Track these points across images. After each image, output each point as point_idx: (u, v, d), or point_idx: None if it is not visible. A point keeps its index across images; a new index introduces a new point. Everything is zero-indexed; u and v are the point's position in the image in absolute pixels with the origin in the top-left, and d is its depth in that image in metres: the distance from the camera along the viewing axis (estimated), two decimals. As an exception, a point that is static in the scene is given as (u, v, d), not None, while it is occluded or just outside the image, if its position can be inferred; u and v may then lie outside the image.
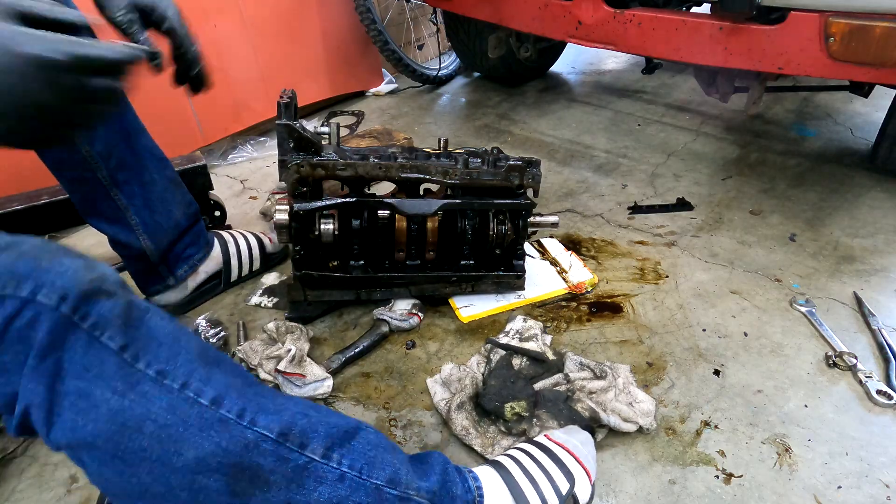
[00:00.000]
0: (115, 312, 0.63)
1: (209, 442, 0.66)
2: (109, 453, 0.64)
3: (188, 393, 0.66)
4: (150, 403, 0.64)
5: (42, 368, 0.61)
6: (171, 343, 0.67)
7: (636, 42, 1.70)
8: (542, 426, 1.05)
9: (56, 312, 0.60)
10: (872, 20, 1.33)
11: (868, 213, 1.79)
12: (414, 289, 1.38)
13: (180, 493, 0.66)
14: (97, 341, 0.62)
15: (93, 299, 0.62)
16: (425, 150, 1.35)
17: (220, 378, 0.69)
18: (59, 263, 0.61)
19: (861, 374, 1.22)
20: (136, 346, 0.64)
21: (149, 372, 0.64)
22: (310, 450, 0.71)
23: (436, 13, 2.70)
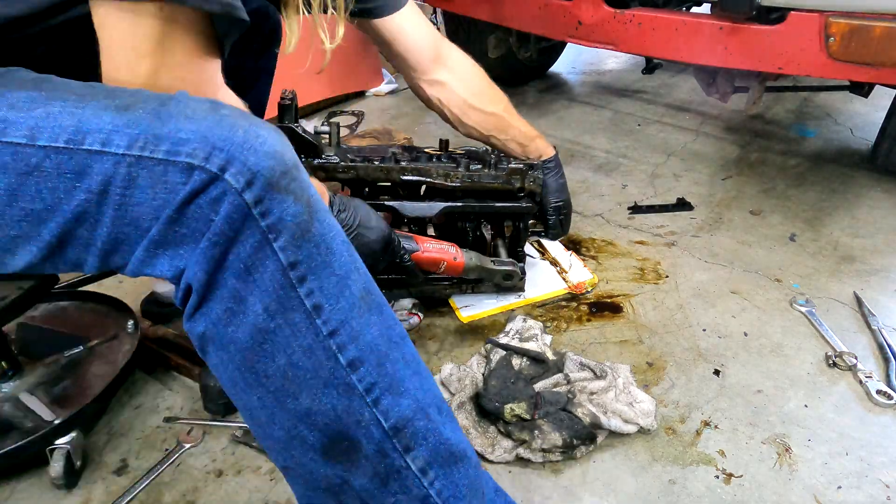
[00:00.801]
0: (297, 219, 0.59)
1: (328, 400, 0.63)
2: (235, 363, 0.62)
3: (332, 343, 0.62)
4: (294, 337, 0.61)
5: (210, 254, 0.58)
6: (342, 277, 0.62)
7: (636, 42, 1.70)
8: (543, 438, 1.04)
9: (240, 198, 0.56)
10: (872, 20, 1.33)
11: (868, 213, 1.79)
12: (414, 289, 1.38)
13: (278, 431, 0.65)
14: (269, 245, 0.58)
15: (279, 196, 0.57)
16: (426, 151, 1.34)
17: (370, 336, 0.65)
18: (256, 136, 0.57)
19: (861, 374, 1.22)
20: (306, 267, 0.60)
21: (307, 302, 0.60)
22: (411, 457, 0.68)
23: (436, 13, 2.69)
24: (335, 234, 0.63)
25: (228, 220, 0.56)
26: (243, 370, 0.62)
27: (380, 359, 0.65)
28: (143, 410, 1.15)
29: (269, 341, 0.60)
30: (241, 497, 1.00)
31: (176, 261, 0.59)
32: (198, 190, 0.56)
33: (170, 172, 0.56)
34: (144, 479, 1.01)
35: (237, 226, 0.57)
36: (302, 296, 0.60)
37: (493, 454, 1.05)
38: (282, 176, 0.58)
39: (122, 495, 0.99)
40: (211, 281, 0.59)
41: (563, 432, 1.05)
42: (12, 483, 1.02)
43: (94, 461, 1.06)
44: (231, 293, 0.59)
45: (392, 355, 0.67)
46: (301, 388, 0.62)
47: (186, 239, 0.58)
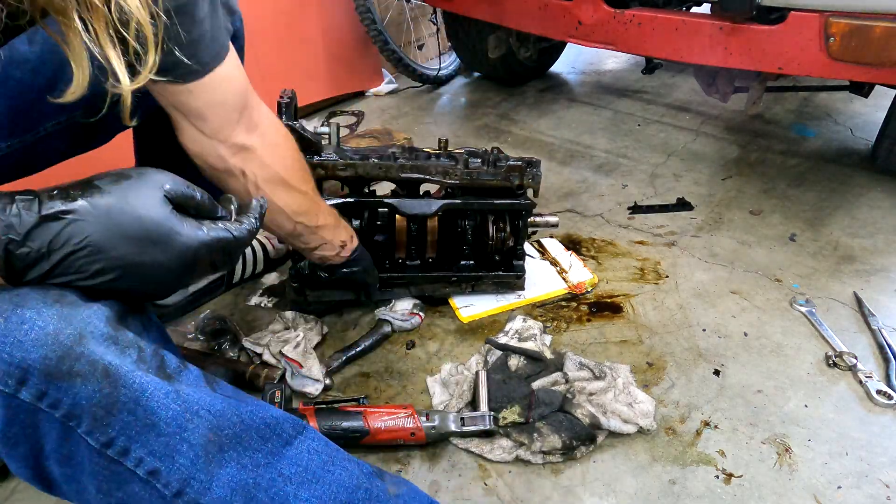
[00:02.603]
0: (93, 399, 0.53)
1: None
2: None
3: (181, 503, 0.57)
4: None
5: (17, 454, 0.55)
6: (172, 433, 0.57)
7: (636, 42, 1.70)
8: (543, 440, 1.04)
9: (14, 399, 0.51)
10: (872, 20, 1.33)
11: (868, 213, 1.79)
12: (414, 289, 1.38)
13: None
14: (73, 432, 0.54)
15: (63, 383, 0.52)
16: (425, 150, 1.35)
17: (225, 479, 0.59)
18: (21, 323, 0.51)
19: (861, 374, 1.22)
20: (126, 438, 0.55)
21: (138, 472, 0.56)
22: None
23: (436, 13, 2.69)
24: (151, 390, 0.56)
25: (17, 423, 0.53)
26: None
27: (247, 493, 0.60)
28: (143, 410, 1.15)
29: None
30: (241, 497, 1.00)
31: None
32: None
33: None
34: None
35: (29, 423, 0.53)
36: (131, 468, 0.56)
37: (491, 454, 1.05)
38: (60, 361, 0.52)
39: (122, 495, 0.99)
40: (41, 475, 0.57)
41: (563, 434, 1.05)
42: (12, 483, 1.02)
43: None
44: (66, 477, 0.57)
45: (263, 480, 0.61)
46: None
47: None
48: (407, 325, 1.34)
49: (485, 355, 1.24)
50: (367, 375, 1.24)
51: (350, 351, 1.27)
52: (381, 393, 1.20)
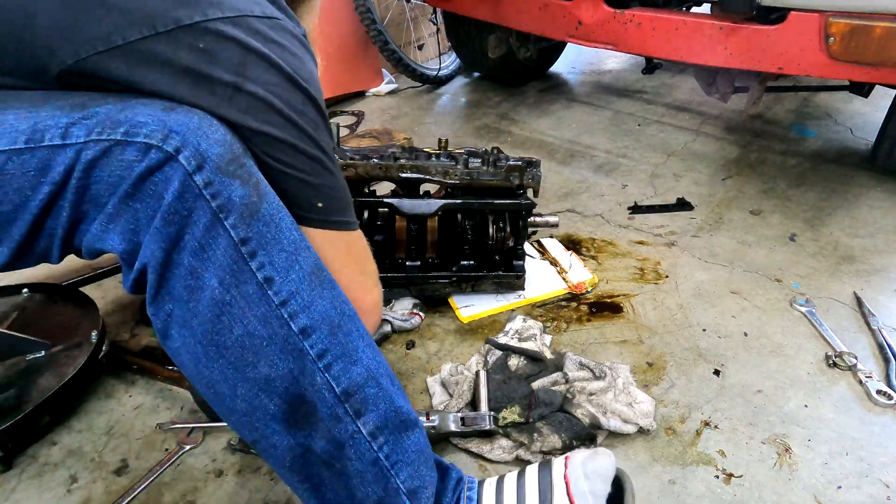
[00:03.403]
0: (244, 200, 0.63)
1: (283, 365, 0.66)
2: (196, 338, 0.65)
3: (284, 312, 0.66)
4: (248, 308, 0.64)
5: (166, 233, 0.61)
6: (291, 252, 0.66)
7: (636, 42, 1.70)
8: (543, 441, 1.04)
9: (190, 179, 0.60)
10: (872, 20, 1.33)
11: (868, 213, 1.79)
12: (414, 289, 1.38)
13: (240, 403, 0.68)
14: (220, 223, 0.62)
15: (226, 179, 0.62)
16: (425, 150, 1.35)
17: (320, 307, 0.68)
18: (210, 124, 0.62)
19: (861, 374, 1.22)
20: (257, 242, 0.64)
21: (258, 275, 0.64)
22: (361, 421, 0.71)
23: (436, 13, 2.70)
24: (283, 214, 0.67)
25: (180, 199, 0.60)
26: (205, 344, 0.65)
27: (332, 328, 0.69)
28: (143, 410, 1.15)
29: (227, 313, 0.64)
30: (241, 497, 1.00)
31: (129, 235, 0.62)
32: (152, 168, 0.59)
33: (127, 151, 0.59)
34: (144, 480, 1.01)
35: (189, 205, 0.61)
36: (254, 269, 0.64)
37: (491, 453, 1.05)
38: (229, 162, 0.62)
39: (123, 495, 0.99)
40: (168, 260, 0.62)
41: (563, 434, 1.05)
42: (12, 483, 1.02)
43: (94, 461, 1.06)
44: (188, 270, 0.62)
45: (345, 326, 0.70)
46: (258, 356, 0.65)
47: (139, 214, 0.61)
48: (407, 324, 1.34)
49: (485, 355, 1.24)
50: (367, 375, 1.24)
51: (350, 351, 1.27)
52: (381, 393, 1.20)
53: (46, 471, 1.05)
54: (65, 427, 1.12)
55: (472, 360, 1.24)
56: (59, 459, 1.06)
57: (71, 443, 1.09)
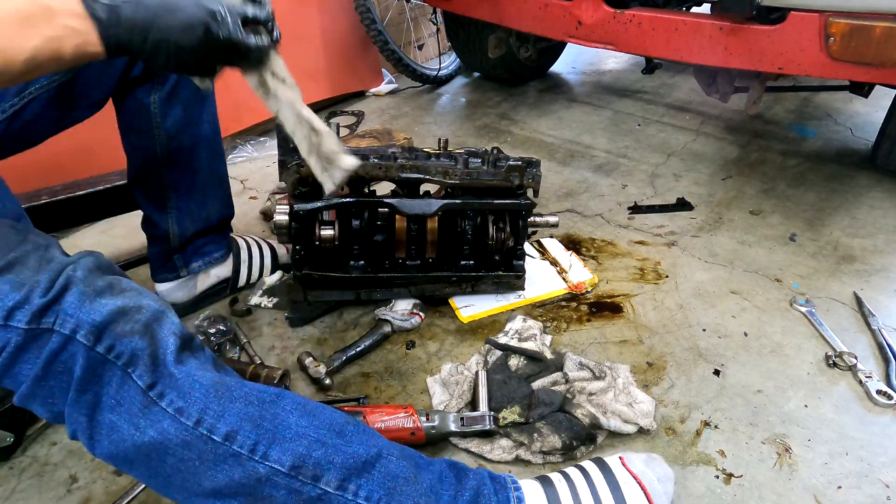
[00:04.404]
0: (146, 351, 0.70)
1: (223, 475, 0.71)
2: (143, 473, 0.74)
3: (202, 430, 0.71)
4: (169, 440, 0.70)
5: (82, 401, 0.70)
6: (188, 378, 0.72)
7: (636, 42, 1.70)
8: (543, 441, 1.04)
9: (92, 352, 0.68)
10: (872, 20, 1.33)
11: (868, 213, 1.79)
12: (414, 289, 1.38)
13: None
14: (129, 377, 0.70)
15: (126, 338, 0.69)
16: (425, 150, 1.35)
17: (236, 410, 0.73)
18: (100, 303, 0.69)
19: (861, 374, 1.22)
20: (162, 384, 0.71)
21: (169, 410, 0.70)
22: (324, 482, 0.73)
23: (436, 13, 2.70)
24: (169, 343, 0.73)
25: (87, 371, 0.68)
26: (151, 477, 0.74)
27: (254, 421, 0.73)
28: (143, 410, 1.15)
29: (153, 450, 0.71)
30: (241, 497, 1.00)
31: (49, 406, 0.71)
32: (56, 350, 0.68)
33: (39, 339, 0.68)
34: (144, 479, 1.01)
35: (99, 371, 0.69)
36: (165, 407, 0.71)
37: (491, 454, 1.05)
38: (124, 322, 0.70)
39: (123, 495, 0.99)
40: (92, 420, 0.71)
41: (563, 434, 1.05)
42: (12, 483, 1.02)
43: (94, 461, 1.06)
44: (109, 426, 0.71)
45: (268, 412, 0.74)
46: (198, 475, 0.71)
47: (54, 390, 0.70)
48: (407, 324, 1.34)
49: (485, 355, 1.24)
50: (367, 375, 1.24)
51: (350, 351, 1.27)
52: (381, 393, 1.20)
53: (46, 471, 1.05)
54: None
55: (472, 360, 1.24)
56: (59, 459, 1.06)
57: (71, 443, 1.09)
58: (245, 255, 1.46)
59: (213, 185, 1.33)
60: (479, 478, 0.85)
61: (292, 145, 1.18)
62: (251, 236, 1.53)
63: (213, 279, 1.41)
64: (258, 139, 2.27)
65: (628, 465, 0.92)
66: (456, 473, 0.85)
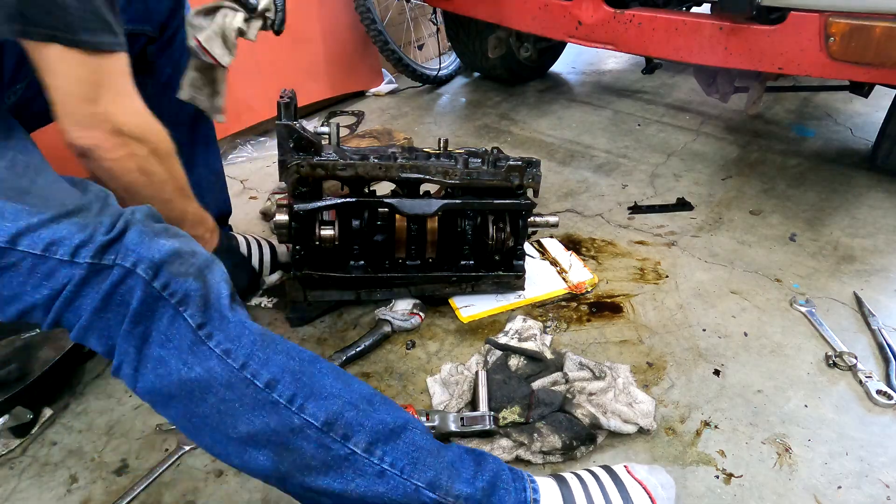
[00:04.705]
0: (198, 293, 0.74)
1: (260, 421, 0.74)
2: (180, 412, 0.76)
3: (246, 374, 0.74)
4: (213, 379, 0.73)
5: (135, 333, 0.73)
6: (237, 322, 0.76)
7: (636, 42, 1.70)
8: (543, 441, 1.04)
9: (149, 286, 0.72)
10: (872, 20, 1.33)
11: (868, 213, 1.79)
12: (414, 289, 1.38)
13: (235, 459, 0.77)
14: (180, 316, 0.73)
15: (180, 279, 0.73)
16: (425, 150, 1.35)
17: (278, 361, 0.76)
18: (158, 242, 0.73)
19: (861, 374, 1.22)
20: (211, 325, 0.74)
21: (216, 350, 0.74)
22: (353, 442, 0.76)
23: (436, 13, 2.70)
24: (225, 297, 0.77)
25: (143, 304, 0.72)
26: (187, 417, 0.76)
27: (294, 374, 0.76)
28: (143, 410, 1.15)
29: (196, 388, 0.74)
30: (241, 497, 1.00)
31: (105, 339, 0.74)
32: (116, 282, 0.72)
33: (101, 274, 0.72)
34: (144, 480, 1.01)
35: (152, 306, 0.72)
36: (212, 346, 0.74)
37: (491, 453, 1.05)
38: (180, 264, 0.74)
39: (123, 495, 0.99)
40: (140, 353, 0.74)
41: (563, 434, 1.05)
42: (12, 483, 1.02)
43: (94, 461, 1.06)
44: (157, 360, 0.73)
45: (307, 370, 0.78)
46: (235, 418, 0.74)
47: (110, 322, 0.73)
48: (407, 324, 1.34)
49: (485, 355, 1.24)
50: (367, 375, 1.24)
51: (350, 351, 1.27)
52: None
53: (46, 471, 1.05)
54: (65, 427, 1.12)
55: (472, 360, 1.24)
56: (59, 459, 1.06)
57: (71, 443, 1.09)
58: (244, 253, 1.46)
59: (209, 180, 1.33)
60: (497, 464, 0.87)
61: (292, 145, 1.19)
62: (251, 235, 1.53)
63: None
64: (258, 139, 2.27)
65: (633, 473, 0.94)
66: (475, 457, 0.86)
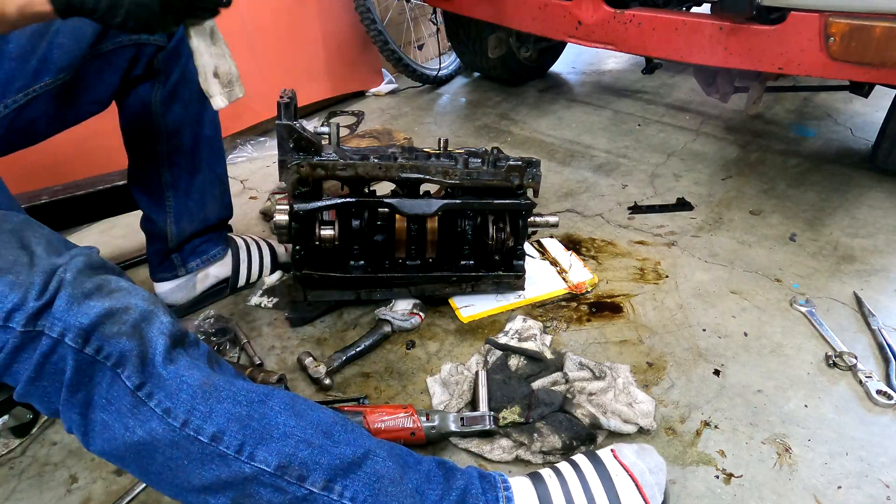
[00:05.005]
0: (134, 352, 0.71)
1: (210, 473, 0.73)
2: (135, 469, 0.76)
3: (188, 431, 0.72)
4: (158, 440, 0.72)
5: (75, 400, 0.71)
6: (176, 379, 0.73)
7: (636, 42, 1.70)
8: (543, 441, 1.04)
9: (80, 354, 0.69)
10: (872, 20, 1.33)
11: (868, 213, 1.79)
12: (414, 289, 1.38)
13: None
14: (119, 378, 0.71)
15: (114, 339, 0.70)
16: (425, 150, 1.35)
17: (223, 410, 0.73)
18: (87, 305, 0.70)
19: (861, 374, 1.22)
20: (151, 384, 0.72)
21: (157, 410, 0.71)
22: (309, 482, 0.74)
23: (436, 13, 2.69)
24: (157, 344, 0.73)
25: (78, 371, 0.69)
26: (143, 474, 0.76)
27: (241, 421, 0.74)
28: (143, 410, 1.15)
29: (143, 449, 0.72)
30: (241, 497, 1.00)
31: (47, 405, 0.72)
32: (46, 353, 0.69)
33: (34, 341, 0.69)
34: (144, 479, 1.01)
35: (89, 371, 0.70)
36: (153, 407, 0.72)
37: (491, 454, 1.05)
38: (112, 324, 0.70)
39: (123, 495, 0.99)
40: (86, 419, 0.72)
41: (563, 434, 1.05)
42: (12, 483, 1.02)
43: (94, 461, 1.06)
44: (102, 424, 0.72)
45: (256, 412, 0.75)
46: (186, 473, 0.73)
47: (48, 390, 0.71)
48: (407, 324, 1.34)
49: (485, 355, 1.24)
50: (367, 375, 1.24)
51: (350, 351, 1.27)
52: (381, 393, 1.20)
53: (46, 471, 1.05)
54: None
55: (472, 360, 1.24)
56: (59, 459, 1.06)
57: (71, 443, 1.09)
58: (244, 255, 1.46)
59: (212, 185, 1.33)
60: (467, 477, 0.86)
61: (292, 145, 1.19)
62: (250, 236, 1.53)
63: (213, 279, 1.41)
64: (258, 139, 2.27)
65: (619, 457, 0.92)
66: (444, 472, 0.85)
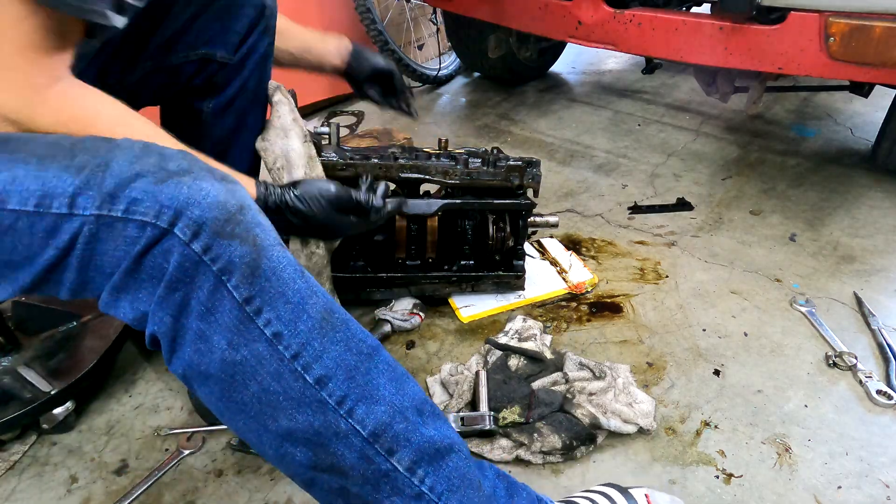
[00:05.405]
0: (244, 259, 0.64)
1: (303, 419, 0.67)
2: (216, 394, 0.68)
3: (296, 365, 0.66)
4: (259, 366, 0.65)
5: (170, 299, 0.64)
6: (297, 304, 0.67)
7: (636, 42, 1.70)
8: (543, 441, 1.04)
9: (188, 248, 0.62)
10: (872, 20, 1.33)
11: (868, 213, 1.79)
12: (414, 288, 1.38)
13: (268, 450, 0.70)
14: (223, 286, 0.64)
15: (225, 241, 0.63)
16: (425, 150, 1.35)
17: (333, 353, 0.68)
18: (199, 190, 0.63)
19: (861, 374, 1.22)
20: (261, 300, 0.65)
21: (266, 331, 0.65)
22: (397, 458, 0.70)
23: (436, 13, 2.69)
24: (285, 265, 0.67)
25: (181, 268, 0.63)
26: (224, 400, 0.68)
27: (349, 372, 0.69)
28: (143, 410, 1.15)
29: (239, 372, 0.66)
30: (241, 497, 1.00)
31: (136, 304, 0.66)
32: (150, 244, 0.63)
33: (127, 229, 0.63)
34: (145, 480, 1.01)
35: (191, 272, 0.63)
36: (261, 326, 0.65)
37: (491, 453, 1.05)
38: (225, 223, 0.64)
39: (123, 496, 0.99)
40: (177, 326, 0.65)
41: (563, 434, 1.05)
42: (12, 483, 1.02)
43: (94, 461, 1.06)
44: (197, 334, 0.65)
45: (362, 367, 0.70)
46: (277, 411, 0.67)
47: (144, 285, 0.65)
48: (407, 324, 1.34)
49: (485, 355, 1.24)
50: (368, 375, 1.24)
51: (350, 351, 1.26)
52: (381, 393, 1.20)
53: (46, 471, 1.05)
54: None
55: (472, 360, 1.24)
56: (59, 459, 1.06)
57: (71, 443, 1.09)
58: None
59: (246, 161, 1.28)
60: (530, 499, 0.83)
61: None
62: None
63: None
64: (258, 139, 2.27)
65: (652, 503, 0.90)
66: (507, 487, 0.82)
